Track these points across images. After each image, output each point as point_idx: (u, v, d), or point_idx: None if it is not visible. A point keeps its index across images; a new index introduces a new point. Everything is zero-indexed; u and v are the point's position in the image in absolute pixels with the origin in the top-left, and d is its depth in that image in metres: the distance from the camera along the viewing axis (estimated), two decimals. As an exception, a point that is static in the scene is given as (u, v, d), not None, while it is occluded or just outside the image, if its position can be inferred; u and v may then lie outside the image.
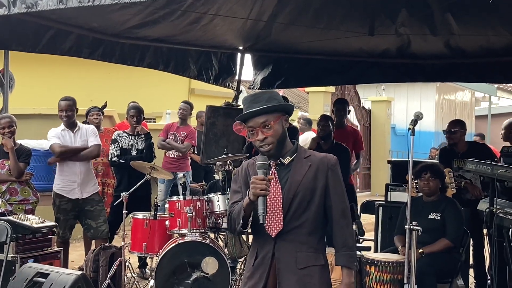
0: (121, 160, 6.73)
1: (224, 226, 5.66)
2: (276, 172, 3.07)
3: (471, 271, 6.25)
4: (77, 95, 6.43)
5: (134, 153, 6.78)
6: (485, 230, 5.74)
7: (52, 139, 6.10)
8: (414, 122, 4.22)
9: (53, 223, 5.57)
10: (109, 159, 6.90)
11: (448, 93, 21.31)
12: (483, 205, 5.31)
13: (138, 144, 6.85)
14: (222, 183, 5.90)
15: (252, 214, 2.97)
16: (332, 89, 15.46)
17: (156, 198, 7.15)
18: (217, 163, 6.19)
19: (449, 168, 5.88)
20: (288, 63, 7.96)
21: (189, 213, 5.51)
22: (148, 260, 6.82)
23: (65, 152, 6.07)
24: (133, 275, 6.04)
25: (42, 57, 7.18)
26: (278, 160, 3.08)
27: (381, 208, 6.50)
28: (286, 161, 3.08)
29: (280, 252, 3.03)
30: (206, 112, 7.63)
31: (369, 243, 6.57)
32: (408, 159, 4.35)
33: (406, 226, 4.24)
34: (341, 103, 7.58)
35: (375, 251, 6.28)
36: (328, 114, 12.42)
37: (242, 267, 6.11)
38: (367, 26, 6.39)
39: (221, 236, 6.54)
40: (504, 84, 22.10)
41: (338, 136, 7.03)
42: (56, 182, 6.15)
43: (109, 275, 5.65)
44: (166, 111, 11.65)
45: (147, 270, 6.92)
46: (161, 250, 5.55)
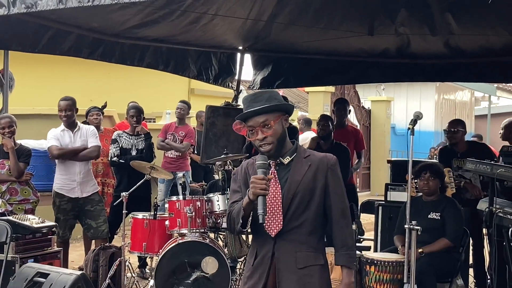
0: (121, 160, 6.73)
1: (224, 226, 5.66)
2: (275, 171, 3.07)
3: (471, 270, 6.25)
4: (77, 95, 6.42)
5: (134, 153, 6.78)
6: (484, 230, 5.74)
7: (50, 141, 6.10)
8: (414, 122, 4.23)
9: (53, 223, 5.57)
10: (109, 159, 6.90)
11: (448, 93, 21.30)
12: (482, 205, 5.31)
13: (138, 144, 6.85)
14: (221, 183, 5.89)
15: (251, 214, 2.97)
16: (332, 89, 15.46)
17: (156, 198, 7.16)
18: (217, 163, 6.19)
19: (448, 167, 5.89)
20: (288, 63, 7.96)
21: (189, 213, 5.51)
22: (148, 260, 6.82)
23: (63, 155, 6.07)
24: (133, 275, 6.04)
25: (42, 57, 7.18)
26: (278, 160, 3.08)
27: (380, 207, 6.50)
28: (286, 160, 3.08)
29: (280, 251, 3.03)
30: (206, 112, 7.64)
31: (369, 243, 6.57)
32: (407, 159, 4.35)
33: (405, 226, 4.24)
34: (342, 102, 7.58)
35: (375, 250, 6.28)
36: (328, 114, 12.42)
37: (242, 266, 6.11)
38: (367, 26, 6.40)
39: (221, 236, 6.54)
40: (504, 84, 22.06)
41: (339, 135, 7.02)
42: (56, 181, 6.16)
43: (109, 275, 5.66)
44: (166, 111, 11.64)
45: (147, 270, 6.92)
46: (161, 250, 5.55)
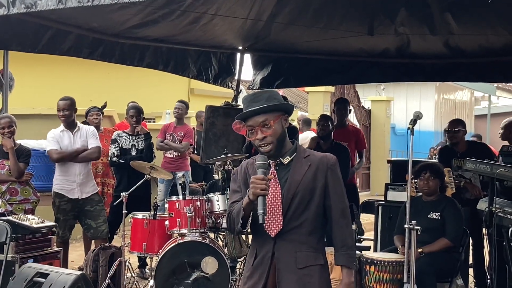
0: (120, 160, 6.73)
1: (223, 226, 5.66)
2: (275, 171, 3.06)
3: (471, 270, 6.25)
4: (76, 95, 6.42)
5: (133, 153, 6.78)
6: (484, 230, 5.74)
7: (49, 144, 6.09)
8: (414, 121, 4.22)
9: (53, 223, 5.56)
10: (109, 159, 6.90)
11: (448, 93, 21.29)
12: (482, 205, 5.31)
13: (137, 144, 6.85)
14: (221, 183, 5.89)
15: (251, 214, 2.97)
16: (331, 89, 15.45)
17: (156, 198, 7.16)
18: (216, 163, 6.19)
19: (448, 167, 5.89)
20: (288, 63, 7.96)
21: (188, 213, 5.51)
22: (148, 260, 6.82)
23: (62, 158, 6.07)
24: (133, 275, 6.04)
25: (41, 57, 7.18)
26: (278, 160, 3.07)
27: (380, 207, 6.50)
28: (286, 160, 3.07)
29: (280, 251, 3.03)
30: (205, 112, 7.64)
31: (369, 243, 6.57)
32: (407, 159, 4.35)
33: (405, 226, 4.24)
34: (342, 102, 7.57)
35: (375, 250, 6.28)
36: (328, 113, 12.42)
37: (242, 266, 6.11)
38: (367, 25, 6.39)
39: (221, 236, 6.54)
40: (504, 84, 22.09)
41: (340, 135, 7.02)
42: (55, 182, 6.16)
43: (108, 275, 5.66)
44: (165, 111, 11.63)
45: (147, 270, 6.92)
46: (160, 250, 5.55)
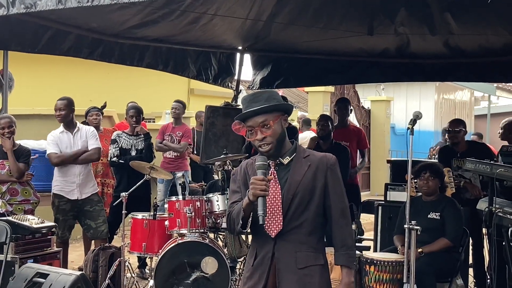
0: (120, 160, 6.73)
1: (223, 226, 5.66)
2: (275, 172, 3.06)
3: (471, 270, 6.25)
4: (76, 95, 6.43)
5: (133, 153, 6.78)
6: (484, 230, 5.74)
7: (49, 147, 6.09)
8: (413, 121, 4.22)
9: (53, 224, 5.56)
10: (109, 159, 6.90)
11: (448, 93, 21.29)
12: (482, 205, 5.31)
13: (137, 144, 6.85)
14: (221, 183, 5.89)
15: (251, 215, 2.97)
16: (331, 89, 15.45)
17: (156, 198, 7.16)
18: (216, 163, 6.19)
19: (448, 167, 5.89)
20: (288, 63, 7.96)
21: (188, 213, 5.51)
22: (148, 260, 6.82)
23: (62, 162, 6.06)
24: (133, 275, 6.04)
25: (41, 57, 7.17)
26: (278, 160, 3.07)
27: (380, 207, 6.50)
28: (286, 161, 3.07)
29: (280, 252, 3.03)
30: (205, 112, 7.64)
31: (369, 243, 6.57)
32: (407, 159, 4.35)
33: (405, 226, 4.24)
34: (343, 102, 7.55)
35: (375, 250, 6.28)
36: (328, 113, 12.42)
37: (242, 267, 6.11)
38: (366, 25, 6.39)
39: (221, 236, 6.54)
40: (504, 84, 22.09)
41: (341, 135, 7.02)
42: (55, 183, 6.15)
43: (108, 275, 5.66)
44: (165, 111, 11.63)
45: (147, 270, 6.92)
46: (160, 250, 5.55)
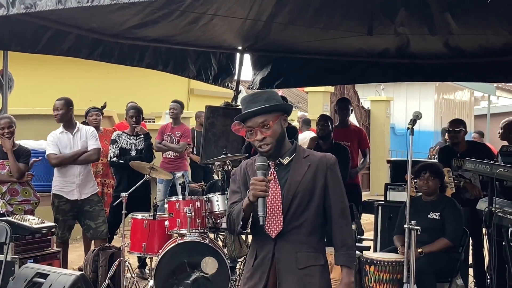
0: (120, 161, 6.73)
1: (223, 226, 5.66)
2: (275, 172, 3.06)
3: (471, 270, 6.25)
4: (76, 95, 6.44)
5: (133, 153, 6.78)
6: (484, 230, 5.74)
7: (48, 147, 6.09)
8: (413, 121, 4.22)
9: (53, 224, 5.56)
10: (109, 159, 6.90)
11: (447, 93, 21.29)
12: (482, 205, 5.31)
13: (137, 144, 6.85)
14: (221, 183, 5.89)
15: (251, 215, 2.96)
16: (331, 89, 15.45)
17: (156, 198, 7.16)
18: (216, 163, 6.19)
19: (448, 167, 5.89)
20: (287, 63, 7.95)
21: (188, 213, 5.51)
22: (148, 260, 6.81)
23: (61, 163, 6.07)
24: (133, 275, 6.04)
25: (41, 58, 7.19)
26: (277, 160, 3.07)
27: (380, 207, 6.50)
28: (285, 161, 3.07)
29: (280, 252, 3.03)
30: (205, 112, 7.64)
31: (369, 243, 6.57)
32: (407, 159, 4.35)
33: (405, 226, 4.24)
34: (344, 102, 7.55)
35: (375, 250, 6.28)
36: (328, 114, 12.42)
37: (242, 267, 6.11)
38: (366, 26, 6.39)
39: (221, 236, 6.53)
40: (503, 84, 22.07)
41: (342, 135, 7.03)
42: (54, 183, 6.16)
43: (108, 276, 5.66)
44: (165, 111, 11.62)
45: (147, 270, 6.92)
46: (160, 250, 5.55)
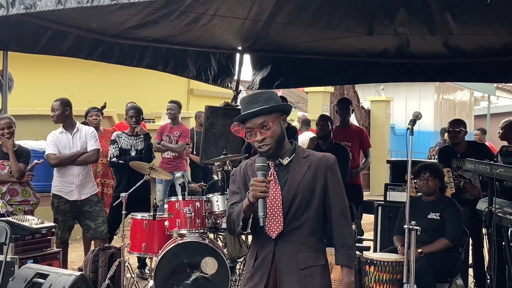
0: (120, 161, 6.73)
1: (223, 226, 5.65)
2: (275, 173, 3.06)
3: (471, 270, 6.25)
4: (76, 95, 6.44)
5: (133, 153, 6.78)
6: (484, 230, 5.74)
7: (48, 147, 6.09)
8: (413, 122, 4.22)
9: (52, 224, 5.56)
10: (108, 159, 6.90)
11: (447, 93, 21.29)
12: (482, 205, 5.31)
13: (137, 144, 6.85)
14: (221, 183, 5.89)
15: (251, 216, 2.96)
16: (331, 89, 15.45)
17: (155, 198, 7.15)
18: (215, 163, 6.19)
19: (448, 167, 5.89)
20: (287, 63, 7.95)
21: (188, 213, 5.51)
22: (148, 260, 6.81)
23: (59, 163, 6.07)
24: (133, 275, 6.03)
25: (41, 58, 7.18)
26: (277, 161, 3.07)
27: (380, 208, 6.50)
28: (285, 161, 3.06)
29: (281, 253, 3.02)
30: (205, 112, 7.64)
31: (369, 243, 6.57)
32: (407, 159, 4.34)
33: (405, 226, 4.24)
34: (345, 102, 7.55)
35: (375, 251, 6.28)
36: (327, 114, 12.42)
37: (242, 267, 6.11)
38: (366, 26, 6.39)
39: (220, 236, 6.53)
40: (503, 84, 22.07)
41: (343, 135, 7.03)
42: (54, 183, 6.16)
43: (108, 276, 5.65)
44: (165, 111, 11.59)
45: (147, 271, 6.91)
46: (160, 251, 5.54)
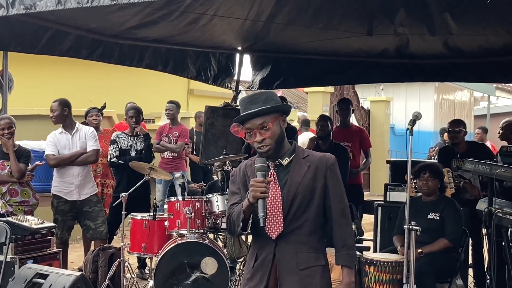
0: (120, 161, 6.73)
1: (223, 226, 5.65)
2: (275, 173, 3.05)
3: (470, 270, 6.26)
4: (76, 95, 6.44)
5: (133, 153, 6.78)
6: (484, 230, 5.74)
7: (47, 148, 6.10)
8: (413, 122, 4.23)
9: (52, 224, 5.57)
10: (108, 160, 6.91)
11: (447, 93, 21.29)
12: (482, 205, 5.31)
13: (137, 144, 6.85)
14: (221, 184, 5.89)
15: (251, 217, 2.96)
16: (331, 89, 15.46)
17: (155, 198, 7.15)
18: (215, 163, 6.19)
19: (448, 168, 5.89)
20: (287, 63, 7.95)
21: (188, 213, 5.51)
22: (148, 260, 6.81)
23: (58, 164, 6.07)
24: (133, 275, 6.03)
25: (40, 58, 7.17)
26: (277, 161, 3.06)
27: (380, 208, 6.50)
28: (285, 162, 3.06)
29: (281, 253, 3.02)
30: (205, 112, 7.64)
31: (368, 243, 6.57)
32: (407, 159, 4.34)
33: (405, 226, 4.24)
34: (345, 102, 7.55)
35: (374, 251, 6.28)
36: (327, 114, 12.42)
37: (241, 267, 6.11)
38: (366, 26, 6.39)
39: (220, 237, 6.53)
40: (503, 84, 22.05)
41: (343, 135, 7.03)
42: (54, 184, 6.16)
43: (108, 276, 5.66)
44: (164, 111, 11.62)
45: (146, 271, 6.92)
46: (160, 251, 5.55)
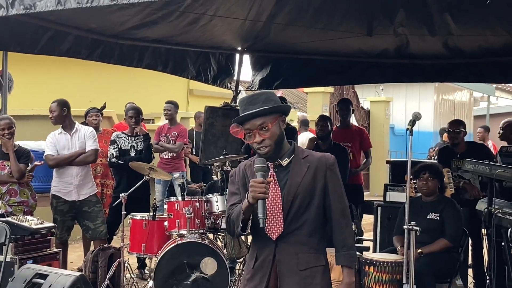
0: (120, 161, 6.73)
1: (222, 226, 5.65)
2: (274, 174, 3.05)
3: (470, 271, 6.26)
4: (76, 96, 6.45)
5: (132, 154, 6.78)
6: (483, 230, 5.74)
7: (47, 148, 6.11)
8: (412, 122, 4.23)
9: (52, 224, 5.56)
10: (108, 160, 6.90)
11: (447, 93, 21.30)
12: (481, 205, 5.31)
13: (136, 145, 6.85)
14: (220, 184, 5.89)
15: (251, 217, 2.95)
16: (330, 89, 15.46)
17: (155, 199, 7.15)
18: (215, 163, 6.19)
19: (447, 168, 5.89)
20: (287, 63, 7.96)
21: (187, 213, 5.51)
22: (147, 260, 6.81)
23: (57, 164, 6.08)
24: (132, 275, 6.03)
25: (40, 58, 7.17)
26: (276, 162, 3.06)
27: (380, 208, 6.50)
28: (285, 162, 3.05)
29: (281, 254, 3.02)
30: (204, 112, 7.64)
31: (368, 243, 6.57)
32: (406, 159, 4.34)
33: (404, 226, 4.24)
34: (345, 103, 7.55)
35: (374, 251, 6.28)
36: (327, 114, 12.42)
37: (241, 267, 6.11)
38: (366, 26, 6.40)
39: (220, 237, 6.53)
40: (503, 84, 22.08)
41: (343, 135, 7.03)
42: (53, 184, 6.17)
43: (108, 276, 5.66)
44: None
45: (146, 271, 6.92)
46: (160, 251, 5.54)
